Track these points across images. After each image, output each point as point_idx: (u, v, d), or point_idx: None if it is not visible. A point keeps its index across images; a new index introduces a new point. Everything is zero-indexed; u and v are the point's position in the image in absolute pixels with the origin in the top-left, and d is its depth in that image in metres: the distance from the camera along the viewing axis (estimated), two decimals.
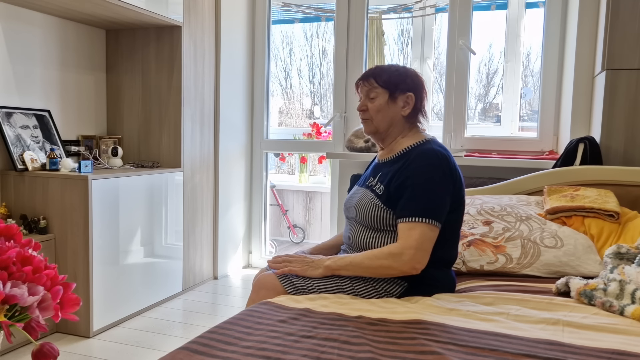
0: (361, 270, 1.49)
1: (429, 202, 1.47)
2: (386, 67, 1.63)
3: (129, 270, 2.70)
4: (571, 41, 2.78)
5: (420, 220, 1.45)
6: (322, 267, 1.53)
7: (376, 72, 1.61)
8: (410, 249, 1.43)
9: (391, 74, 1.60)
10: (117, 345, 2.39)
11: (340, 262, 1.52)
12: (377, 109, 1.59)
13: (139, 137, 3.15)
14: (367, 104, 1.61)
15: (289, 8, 3.95)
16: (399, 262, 1.44)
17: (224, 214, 3.49)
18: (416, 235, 1.45)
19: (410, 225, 1.46)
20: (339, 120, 3.42)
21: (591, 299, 1.46)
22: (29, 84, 2.67)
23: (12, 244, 0.90)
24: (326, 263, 1.53)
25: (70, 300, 0.88)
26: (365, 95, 1.62)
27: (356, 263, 1.49)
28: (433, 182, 1.48)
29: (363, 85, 1.63)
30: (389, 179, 1.56)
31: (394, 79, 1.59)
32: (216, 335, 1.19)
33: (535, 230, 1.93)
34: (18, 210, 2.57)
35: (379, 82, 1.59)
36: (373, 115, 1.60)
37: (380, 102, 1.59)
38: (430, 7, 3.50)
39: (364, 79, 1.62)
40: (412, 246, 1.44)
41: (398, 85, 1.59)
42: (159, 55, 3.07)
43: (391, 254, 1.45)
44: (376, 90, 1.59)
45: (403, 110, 1.60)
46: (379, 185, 1.58)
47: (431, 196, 1.47)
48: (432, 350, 1.11)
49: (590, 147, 2.38)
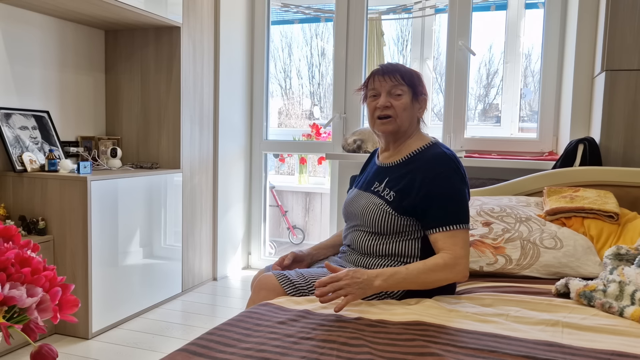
0: (416, 285, 1.43)
1: (459, 207, 1.47)
2: (404, 65, 1.61)
3: (128, 272, 2.70)
4: (571, 42, 2.78)
5: (458, 227, 1.45)
6: (374, 287, 1.38)
7: (400, 69, 1.57)
8: (462, 259, 1.44)
9: (412, 74, 1.58)
10: (116, 346, 2.39)
11: (391, 280, 1.39)
12: (403, 107, 1.54)
13: (138, 138, 3.15)
14: (391, 100, 1.54)
15: (289, 9, 3.95)
16: (454, 273, 1.43)
17: (223, 215, 3.49)
18: (461, 243, 1.45)
19: (451, 234, 1.45)
20: (338, 121, 3.42)
21: (591, 300, 1.46)
22: (28, 84, 2.67)
23: (10, 245, 0.90)
24: (376, 283, 1.38)
25: (69, 301, 0.88)
26: (386, 92, 1.55)
27: (411, 279, 1.41)
28: (457, 189, 1.49)
29: (386, 80, 1.55)
30: (401, 186, 1.53)
31: (416, 80, 1.58)
32: (215, 336, 1.18)
33: (535, 231, 1.93)
34: (17, 211, 2.56)
35: (405, 79, 1.55)
36: (399, 112, 1.54)
37: (407, 100, 1.55)
38: (430, 8, 3.50)
39: (388, 73, 1.55)
40: (463, 255, 1.44)
41: (418, 86, 1.58)
42: (158, 56, 3.06)
43: (447, 266, 1.42)
44: (402, 88, 1.54)
45: (419, 112, 1.60)
46: (387, 191, 1.55)
47: (459, 201, 1.48)
48: (432, 352, 1.11)
49: (590, 148, 2.38)
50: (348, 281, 1.34)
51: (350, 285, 1.34)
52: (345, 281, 1.34)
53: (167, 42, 3.04)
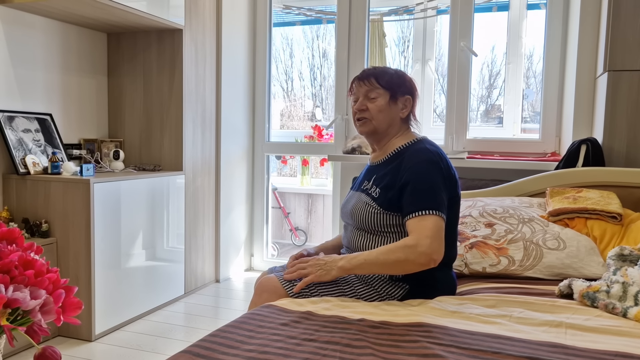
0: (377, 267, 1.46)
1: (432, 196, 1.47)
2: (384, 68, 1.65)
3: (131, 274, 2.70)
4: (573, 42, 2.78)
5: (428, 213, 1.45)
6: (336, 268, 1.48)
7: (376, 72, 1.62)
8: (425, 239, 1.42)
9: (391, 76, 1.62)
10: (119, 349, 2.39)
11: (354, 261, 1.47)
12: (378, 109, 1.59)
13: (141, 141, 3.15)
14: (367, 103, 1.60)
15: (290, 11, 3.96)
16: (415, 254, 1.41)
17: (225, 217, 3.49)
18: (429, 225, 1.44)
19: (420, 219, 1.45)
20: (340, 122, 3.42)
21: (594, 301, 1.46)
22: (31, 87, 2.68)
23: (14, 247, 0.90)
24: (339, 264, 1.48)
25: (72, 303, 0.88)
26: (363, 95, 1.62)
27: (371, 260, 1.45)
28: (432, 178, 1.49)
29: (361, 85, 1.62)
30: (386, 182, 1.56)
31: (395, 81, 1.61)
32: (218, 338, 1.18)
33: (538, 232, 1.93)
34: (20, 214, 2.57)
35: (380, 82, 1.60)
36: (374, 115, 1.60)
37: (382, 102, 1.59)
38: (432, 9, 3.50)
39: (364, 78, 1.62)
40: (427, 235, 1.42)
41: (399, 87, 1.61)
42: (160, 59, 3.07)
43: (406, 246, 1.42)
44: (377, 91, 1.60)
45: (402, 112, 1.63)
46: (374, 188, 1.59)
47: (433, 191, 1.48)
48: (435, 353, 1.10)
49: (593, 149, 2.37)
50: (311, 263, 1.52)
51: (312, 266, 1.52)
52: (309, 263, 1.53)
53: (170, 44, 3.04)
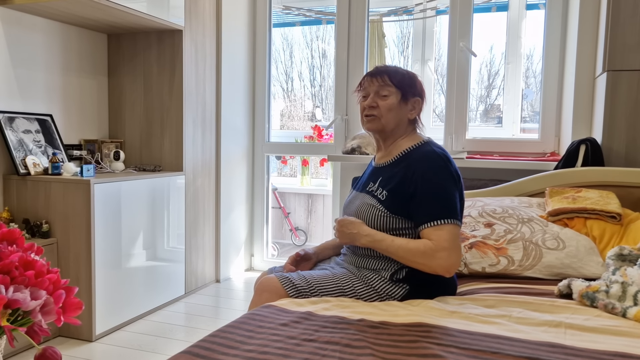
0: (397, 258, 1.50)
1: (447, 202, 1.47)
2: (396, 68, 1.63)
3: (132, 274, 2.70)
4: (572, 42, 2.78)
5: (445, 222, 1.45)
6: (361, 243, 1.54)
7: (389, 70, 1.60)
8: (443, 251, 1.43)
9: (403, 76, 1.60)
10: (120, 349, 2.40)
11: (376, 244, 1.52)
12: (388, 107, 1.58)
13: (141, 141, 3.16)
14: (378, 100, 1.59)
15: (290, 11, 3.96)
16: (432, 264, 1.44)
17: (225, 217, 3.50)
18: (446, 236, 1.44)
19: (436, 228, 1.45)
20: (340, 122, 3.42)
21: (593, 301, 1.46)
22: (32, 88, 2.68)
23: (14, 248, 0.91)
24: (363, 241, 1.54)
25: (72, 304, 0.89)
26: (374, 92, 1.60)
27: (392, 251, 1.49)
28: (445, 183, 1.49)
29: (373, 82, 1.60)
30: (393, 185, 1.54)
31: (407, 82, 1.60)
32: (218, 339, 1.19)
33: (537, 232, 1.93)
34: (20, 214, 2.57)
35: (393, 81, 1.58)
36: (384, 113, 1.58)
37: (393, 101, 1.58)
38: (431, 10, 3.51)
39: (376, 75, 1.60)
40: (445, 247, 1.43)
41: (410, 88, 1.60)
42: (160, 59, 3.07)
43: (425, 254, 1.44)
44: (389, 89, 1.58)
45: (410, 114, 1.62)
46: (380, 190, 1.58)
47: (447, 197, 1.48)
48: (434, 354, 1.11)
49: (592, 149, 2.38)
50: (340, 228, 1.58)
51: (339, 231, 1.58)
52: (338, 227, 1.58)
53: (170, 45, 3.05)
